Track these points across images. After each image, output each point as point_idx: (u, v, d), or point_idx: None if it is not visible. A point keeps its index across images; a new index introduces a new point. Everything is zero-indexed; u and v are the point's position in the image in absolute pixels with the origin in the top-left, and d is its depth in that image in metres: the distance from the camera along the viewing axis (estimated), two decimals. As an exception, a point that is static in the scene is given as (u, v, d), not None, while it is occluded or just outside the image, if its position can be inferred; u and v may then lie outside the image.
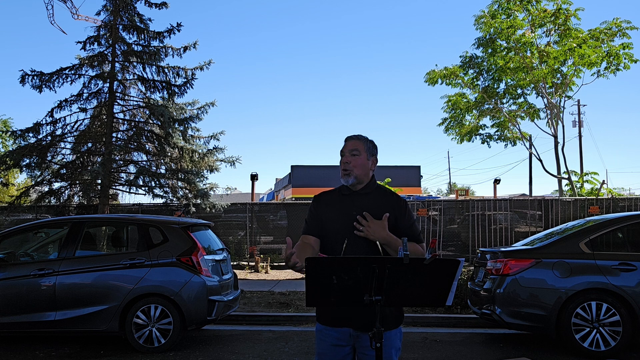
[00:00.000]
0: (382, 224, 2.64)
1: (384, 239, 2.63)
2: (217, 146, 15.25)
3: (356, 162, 2.76)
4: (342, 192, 2.83)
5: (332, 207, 2.79)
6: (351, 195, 2.79)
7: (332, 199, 2.84)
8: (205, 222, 7.40)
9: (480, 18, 17.08)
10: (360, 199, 2.76)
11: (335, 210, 2.76)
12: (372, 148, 2.86)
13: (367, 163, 2.80)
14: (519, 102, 18.14)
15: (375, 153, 2.88)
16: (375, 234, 2.63)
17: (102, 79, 14.58)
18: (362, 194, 2.78)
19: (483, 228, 14.95)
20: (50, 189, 15.11)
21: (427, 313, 8.04)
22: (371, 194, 2.80)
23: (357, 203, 2.74)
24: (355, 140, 2.83)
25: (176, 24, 14.79)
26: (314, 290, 2.28)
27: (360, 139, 2.83)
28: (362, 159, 2.78)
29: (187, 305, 6.18)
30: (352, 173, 2.75)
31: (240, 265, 14.65)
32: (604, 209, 14.55)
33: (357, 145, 2.80)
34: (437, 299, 2.38)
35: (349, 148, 2.80)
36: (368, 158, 2.81)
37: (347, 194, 2.80)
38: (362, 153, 2.79)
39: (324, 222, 2.78)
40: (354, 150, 2.78)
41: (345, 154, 2.80)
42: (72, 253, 6.50)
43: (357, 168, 2.76)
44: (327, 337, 2.71)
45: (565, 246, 6.16)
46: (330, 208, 2.79)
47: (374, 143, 2.89)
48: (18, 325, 6.29)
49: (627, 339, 5.72)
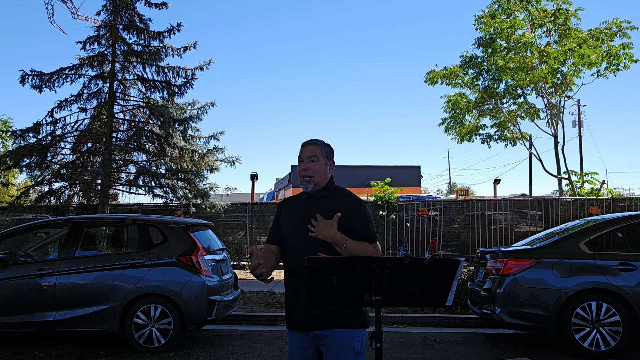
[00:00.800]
0: (331, 223, 2.68)
1: (332, 237, 2.66)
2: (217, 146, 15.27)
3: (315, 168, 2.79)
4: (301, 196, 2.89)
5: (290, 212, 2.86)
6: (308, 199, 2.83)
7: (292, 204, 2.91)
8: (205, 222, 7.39)
9: (480, 18, 17.08)
10: (317, 202, 2.80)
11: (292, 215, 2.83)
12: (330, 152, 2.89)
13: (325, 168, 2.83)
14: (519, 102, 18.14)
15: (332, 157, 2.91)
16: (324, 232, 2.66)
17: (102, 79, 14.59)
18: (318, 197, 2.82)
19: (483, 228, 14.94)
20: (50, 189, 15.12)
21: (427, 313, 8.03)
22: (328, 196, 2.82)
23: (312, 206, 2.78)
24: (312, 145, 2.85)
25: (176, 24, 14.82)
26: (314, 290, 2.28)
27: (318, 144, 2.86)
28: (321, 165, 2.81)
29: (187, 305, 6.18)
30: (312, 180, 2.78)
31: (240, 265, 14.64)
32: (604, 209, 14.55)
33: (315, 151, 2.82)
34: (437, 299, 2.38)
35: (307, 154, 2.82)
36: (326, 163, 2.84)
37: (305, 197, 2.85)
38: (320, 158, 2.81)
39: (281, 227, 2.86)
40: (313, 156, 2.81)
41: (304, 160, 2.82)
42: (72, 253, 6.50)
43: (316, 174, 2.79)
44: (293, 339, 2.79)
45: (565, 246, 6.16)
46: (289, 213, 2.86)
47: (330, 147, 2.92)
48: (18, 325, 6.29)
49: (627, 339, 5.72)
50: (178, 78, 14.79)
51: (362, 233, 2.75)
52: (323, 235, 2.67)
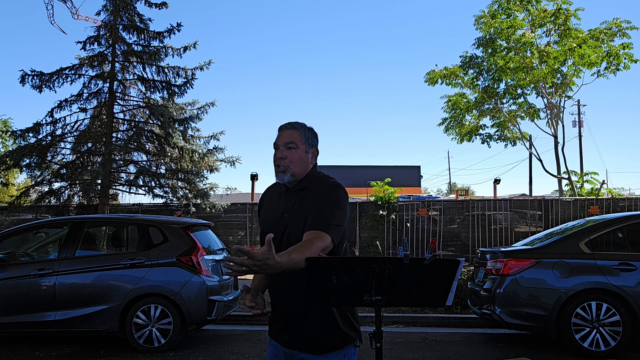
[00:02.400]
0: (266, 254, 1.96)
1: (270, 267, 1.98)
2: (217, 146, 15.26)
3: (293, 156, 2.31)
4: (278, 189, 2.44)
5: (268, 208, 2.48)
6: (285, 194, 2.39)
7: (272, 197, 2.48)
8: (205, 222, 7.40)
9: (480, 18, 17.08)
10: (294, 197, 2.35)
11: (268, 212, 2.46)
12: (312, 137, 2.40)
13: (305, 156, 2.35)
14: (519, 102, 18.14)
15: (316, 143, 2.42)
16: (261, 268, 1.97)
17: (102, 79, 14.59)
18: (294, 192, 2.36)
19: (483, 228, 14.94)
20: (50, 189, 15.12)
21: (427, 313, 8.04)
22: (305, 189, 2.34)
23: (288, 204, 2.36)
24: (290, 130, 2.35)
25: (176, 24, 14.80)
26: (314, 290, 2.28)
27: (297, 128, 2.36)
28: (300, 152, 2.33)
29: (187, 305, 6.18)
30: (288, 170, 2.31)
31: (240, 265, 14.63)
32: (604, 209, 14.54)
33: (293, 136, 2.33)
34: (437, 299, 2.37)
35: (284, 140, 2.33)
36: (307, 150, 2.36)
37: (282, 191, 2.41)
38: (299, 145, 2.33)
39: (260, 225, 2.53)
40: (290, 143, 2.32)
41: (280, 147, 2.33)
42: (72, 253, 6.50)
43: (294, 164, 2.31)
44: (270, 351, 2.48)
45: (565, 246, 6.16)
46: (267, 208, 2.49)
47: (313, 130, 2.42)
48: (18, 325, 6.30)
49: (627, 339, 5.72)
50: (178, 78, 14.78)
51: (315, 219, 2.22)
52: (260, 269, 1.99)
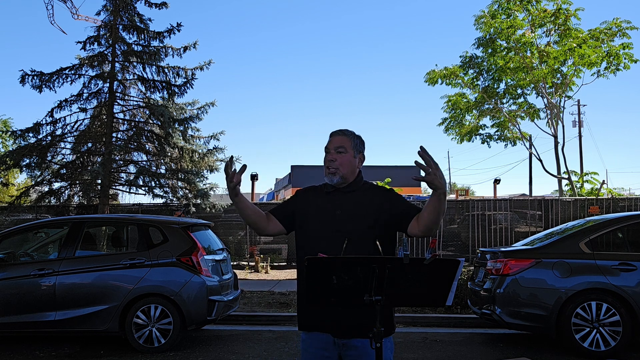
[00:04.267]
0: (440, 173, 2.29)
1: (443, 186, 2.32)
2: (217, 146, 15.27)
3: (342, 160, 2.58)
4: (325, 189, 2.65)
5: (313, 204, 2.63)
6: (334, 193, 2.62)
7: (316, 196, 2.67)
8: (205, 222, 7.40)
9: (480, 18, 17.08)
10: (344, 197, 2.59)
11: (316, 208, 2.60)
12: (360, 144, 2.66)
13: (354, 161, 2.61)
14: (519, 102, 18.14)
15: (363, 149, 2.68)
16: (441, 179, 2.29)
17: (102, 79, 14.59)
18: (346, 192, 2.60)
19: (483, 228, 14.94)
20: (50, 189, 15.12)
21: (427, 313, 8.03)
22: (356, 191, 2.61)
23: (340, 202, 2.58)
24: (341, 136, 2.63)
25: (176, 24, 14.82)
26: (314, 290, 2.28)
27: (347, 135, 2.63)
28: (349, 157, 2.59)
29: (187, 305, 6.18)
30: (338, 172, 2.57)
31: (240, 265, 14.64)
32: (604, 209, 14.55)
33: (344, 141, 2.60)
34: (437, 299, 2.37)
35: (335, 145, 2.60)
36: (355, 155, 2.62)
37: (330, 191, 2.63)
38: (348, 150, 2.59)
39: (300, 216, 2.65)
40: (340, 147, 2.59)
41: (331, 150, 2.60)
42: (72, 253, 6.50)
43: (343, 166, 2.57)
44: (310, 346, 2.56)
45: (565, 246, 6.16)
46: (311, 205, 2.63)
47: (361, 139, 2.69)
48: (18, 325, 6.29)
49: (627, 339, 5.72)
50: (178, 78, 14.79)
51: (411, 210, 2.55)
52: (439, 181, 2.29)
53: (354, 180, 2.63)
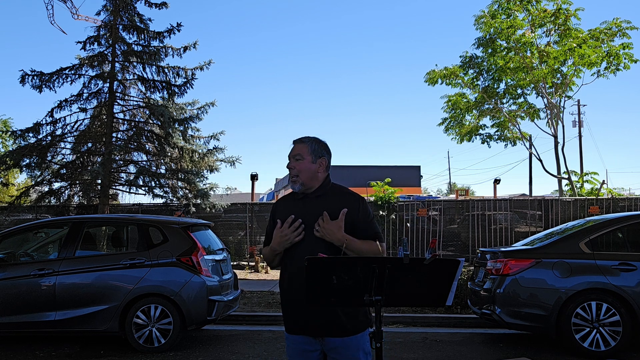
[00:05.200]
0: (338, 224, 2.55)
1: (339, 240, 2.54)
2: (217, 146, 15.27)
3: (300, 167, 2.67)
4: (295, 196, 2.76)
5: (285, 212, 2.70)
6: (303, 199, 2.71)
7: (287, 204, 2.78)
8: (205, 222, 7.40)
9: (480, 18, 17.08)
10: (313, 202, 2.68)
11: (288, 215, 2.67)
12: (319, 149, 2.72)
13: (312, 167, 2.68)
14: (519, 102, 18.14)
15: (324, 154, 2.74)
16: (331, 235, 2.55)
17: (102, 79, 14.59)
18: (313, 197, 2.69)
19: (483, 228, 14.94)
20: (50, 189, 15.12)
21: (427, 313, 8.03)
22: (324, 195, 2.69)
23: (308, 207, 2.66)
24: (298, 143, 2.72)
25: (176, 24, 14.81)
26: (314, 290, 2.28)
27: (305, 142, 2.72)
28: (306, 163, 2.67)
29: (187, 305, 6.18)
30: (297, 180, 2.68)
31: (240, 265, 14.64)
32: (604, 209, 14.54)
33: (300, 149, 2.70)
34: (437, 299, 2.38)
35: (293, 153, 2.71)
36: (313, 161, 2.69)
37: (300, 198, 2.73)
38: (305, 157, 2.68)
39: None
40: (297, 155, 2.69)
41: (290, 159, 2.72)
42: (72, 253, 6.50)
43: (302, 173, 2.67)
44: (293, 342, 2.67)
45: (565, 246, 6.16)
46: (284, 214, 2.70)
47: (322, 144, 2.75)
48: (18, 325, 6.29)
49: (627, 339, 5.72)
50: (178, 78, 14.79)
51: (366, 231, 2.63)
52: (330, 237, 2.55)
53: (320, 185, 2.70)
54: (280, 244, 2.63)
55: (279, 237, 2.63)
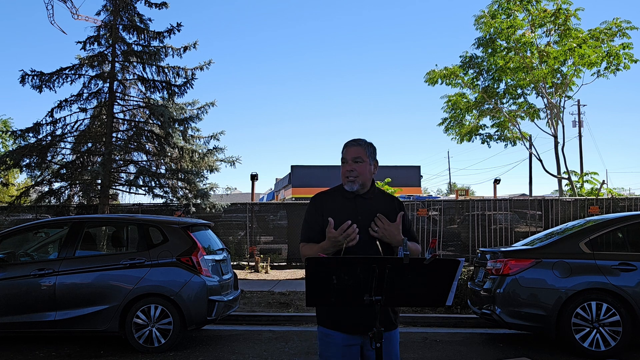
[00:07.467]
0: (397, 226, 2.68)
1: (399, 242, 2.64)
2: (217, 146, 15.25)
3: (361, 169, 2.77)
4: (344, 195, 2.81)
5: (338, 212, 2.71)
6: (355, 199, 2.79)
7: (335, 203, 2.80)
8: (205, 222, 7.39)
9: (480, 18, 17.09)
10: (365, 202, 2.78)
11: (340, 214, 2.68)
12: (373, 152, 2.87)
13: (369, 168, 2.81)
14: (519, 102, 18.15)
15: (376, 156, 2.89)
16: (392, 236, 2.66)
17: (102, 79, 14.58)
18: (365, 198, 2.80)
19: (483, 228, 14.94)
20: (50, 189, 15.10)
21: (427, 313, 8.03)
22: (374, 197, 2.82)
23: (362, 207, 2.76)
24: (356, 146, 2.81)
25: (176, 24, 14.79)
26: (314, 290, 2.28)
27: (362, 145, 2.82)
28: (366, 166, 2.79)
29: (187, 305, 6.18)
30: (357, 180, 2.76)
31: (240, 265, 14.64)
32: (604, 209, 14.55)
33: (359, 152, 2.79)
34: (437, 299, 2.38)
35: (352, 155, 2.78)
36: (370, 163, 2.82)
37: (350, 197, 2.80)
38: (365, 159, 2.78)
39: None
40: (357, 157, 2.78)
41: (349, 161, 2.78)
42: (72, 253, 6.50)
43: (362, 175, 2.77)
44: (335, 339, 2.66)
45: (565, 246, 6.16)
46: (337, 213, 2.69)
47: (373, 146, 2.88)
48: (18, 325, 6.29)
49: (627, 339, 5.72)
50: (178, 78, 14.77)
51: (409, 232, 2.81)
52: (390, 238, 2.66)
53: (370, 186, 2.84)
54: (335, 245, 2.62)
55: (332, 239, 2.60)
